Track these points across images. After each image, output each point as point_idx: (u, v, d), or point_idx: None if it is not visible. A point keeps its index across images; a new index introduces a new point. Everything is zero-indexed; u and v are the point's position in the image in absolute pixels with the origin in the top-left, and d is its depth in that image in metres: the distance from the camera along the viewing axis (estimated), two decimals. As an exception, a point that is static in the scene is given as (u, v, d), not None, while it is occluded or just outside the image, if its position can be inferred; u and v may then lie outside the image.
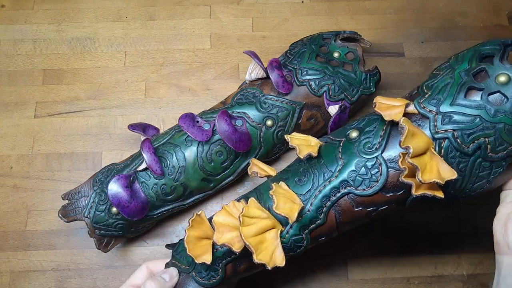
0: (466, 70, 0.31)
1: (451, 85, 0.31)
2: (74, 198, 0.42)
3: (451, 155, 0.30)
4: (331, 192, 0.33)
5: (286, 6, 0.57)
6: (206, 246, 0.35)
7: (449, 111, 0.30)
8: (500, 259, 0.32)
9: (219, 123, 0.41)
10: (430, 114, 0.31)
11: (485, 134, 0.29)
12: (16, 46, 0.55)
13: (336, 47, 0.47)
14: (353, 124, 0.36)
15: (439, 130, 0.30)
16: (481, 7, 0.57)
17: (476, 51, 0.31)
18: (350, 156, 0.33)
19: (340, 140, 0.35)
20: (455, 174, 0.28)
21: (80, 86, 0.53)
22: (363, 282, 0.45)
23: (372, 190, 0.32)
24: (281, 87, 0.43)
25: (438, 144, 0.30)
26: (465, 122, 0.29)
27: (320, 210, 0.34)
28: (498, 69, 0.29)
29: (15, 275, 0.45)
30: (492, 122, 0.29)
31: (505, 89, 0.29)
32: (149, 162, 0.41)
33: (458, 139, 0.30)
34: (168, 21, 0.56)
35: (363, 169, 0.32)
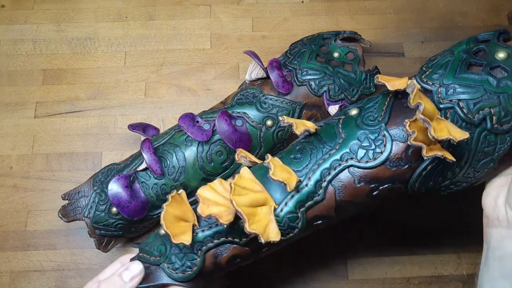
0: (465, 50, 0.31)
1: (452, 62, 0.31)
2: (74, 198, 0.42)
3: (457, 126, 0.30)
4: (332, 164, 0.31)
5: (286, 6, 0.57)
6: (186, 227, 0.31)
7: (452, 82, 0.30)
8: (489, 232, 0.32)
9: (219, 123, 0.41)
10: (433, 87, 0.30)
11: (490, 104, 0.29)
12: (16, 46, 0.55)
13: (336, 47, 0.47)
14: (351, 105, 0.35)
15: (444, 101, 0.30)
16: (481, 7, 0.57)
17: (472, 37, 0.32)
18: (351, 130, 0.32)
19: (339, 117, 0.33)
20: (467, 134, 0.27)
21: (80, 86, 0.53)
22: (363, 282, 0.45)
23: (376, 161, 0.30)
24: (281, 87, 0.43)
25: (444, 114, 0.30)
26: (470, 92, 0.29)
27: (319, 184, 0.31)
28: (496, 47, 0.30)
29: (15, 275, 0.45)
30: (497, 92, 0.29)
31: (505, 63, 0.29)
32: (149, 162, 0.41)
33: (463, 108, 0.29)
34: (168, 21, 0.56)
35: (367, 140, 0.31)
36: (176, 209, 0.31)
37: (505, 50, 0.30)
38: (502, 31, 0.32)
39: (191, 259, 0.32)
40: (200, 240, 0.32)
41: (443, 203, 0.47)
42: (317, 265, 0.45)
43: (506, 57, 0.29)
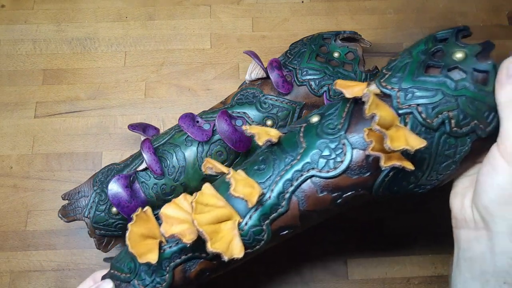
0: (424, 50, 0.31)
1: (410, 64, 0.30)
2: (74, 198, 0.42)
3: (417, 131, 0.29)
4: (294, 175, 0.31)
5: (286, 6, 0.57)
6: (152, 245, 0.31)
7: (411, 86, 0.29)
8: (458, 233, 0.32)
9: (219, 123, 0.41)
10: (392, 91, 0.30)
11: (449, 108, 0.29)
12: (16, 46, 0.55)
13: (336, 47, 0.47)
14: (313, 112, 0.35)
15: (403, 106, 0.29)
16: (481, 7, 0.57)
17: (430, 35, 0.32)
18: (312, 138, 0.31)
19: (301, 125, 0.33)
20: (424, 142, 0.27)
21: (80, 86, 0.53)
22: (363, 282, 0.45)
23: (337, 171, 0.30)
24: (281, 87, 0.43)
25: (403, 120, 0.29)
26: (428, 96, 0.29)
27: (282, 196, 0.31)
28: (454, 46, 0.30)
29: (15, 275, 0.45)
30: (454, 95, 0.29)
31: (463, 64, 0.29)
32: (149, 162, 0.41)
33: (422, 113, 0.29)
34: (168, 21, 0.56)
35: (327, 150, 0.31)
36: (142, 227, 0.31)
37: (462, 50, 0.29)
38: (462, 28, 0.31)
39: (160, 275, 0.32)
40: (168, 257, 0.32)
41: (443, 203, 0.47)
42: (317, 265, 0.45)
43: (463, 57, 0.29)
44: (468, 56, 0.29)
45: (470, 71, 0.29)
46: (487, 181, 0.28)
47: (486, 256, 0.29)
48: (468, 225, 0.31)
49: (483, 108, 0.29)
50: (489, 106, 0.29)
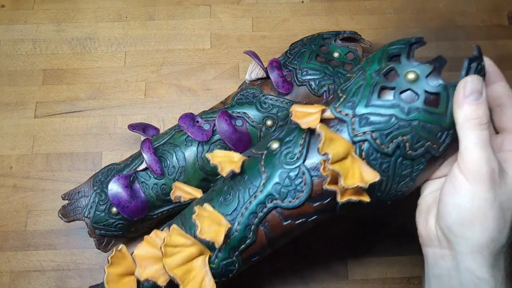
0: (377, 71, 0.30)
1: (364, 87, 0.30)
2: (74, 198, 0.42)
3: (373, 157, 0.30)
4: (258, 208, 0.32)
5: (286, 6, 0.57)
6: (130, 283, 0.32)
7: (365, 112, 0.30)
8: (426, 251, 0.32)
9: (219, 123, 0.41)
10: (346, 117, 0.30)
11: (402, 133, 0.29)
12: (16, 46, 0.55)
13: (336, 47, 0.47)
14: (274, 135, 0.35)
15: (358, 133, 0.30)
16: (481, 7, 0.57)
17: (384, 51, 0.31)
18: (273, 168, 0.32)
19: (262, 152, 0.34)
20: (378, 176, 0.28)
21: (80, 86, 0.53)
22: (363, 282, 0.45)
23: (298, 201, 0.31)
24: (281, 87, 0.43)
25: (358, 147, 0.30)
26: (382, 122, 0.29)
27: (248, 229, 0.32)
28: (406, 67, 0.30)
29: (15, 275, 0.45)
30: (407, 120, 0.29)
31: (415, 86, 0.29)
32: (149, 162, 0.41)
33: (377, 140, 0.30)
34: (168, 21, 0.56)
35: (287, 180, 0.32)
36: (118, 267, 0.32)
37: (414, 71, 0.29)
38: (414, 40, 0.31)
39: None
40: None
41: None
42: (317, 265, 0.45)
43: (415, 78, 0.29)
44: (419, 77, 0.29)
45: (421, 93, 0.29)
46: (449, 201, 0.29)
47: (452, 273, 0.30)
48: (434, 243, 0.31)
49: (436, 129, 0.29)
50: (441, 126, 0.29)
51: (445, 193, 0.29)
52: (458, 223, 0.28)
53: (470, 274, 0.28)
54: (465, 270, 0.29)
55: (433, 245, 0.31)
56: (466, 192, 0.28)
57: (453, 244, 0.29)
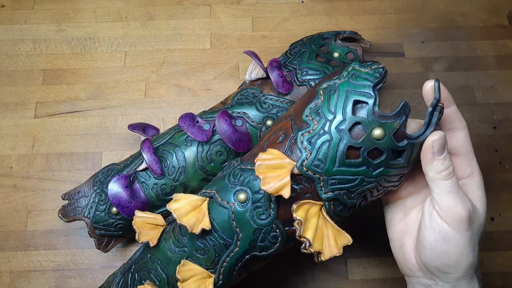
0: (342, 127, 0.30)
1: (331, 148, 0.30)
2: (74, 198, 0.43)
3: (339, 209, 0.32)
4: (237, 261, 0.34)
5: (286, 6, 0.57)
6: None
7: (333, 175, 0.30)
8: (409, 280, 0.34)
9: (219, 123, 0.41)
10: (315, 176, 0.31)
11: (369, 187, 0.31)
12: (16, 46, 0.55)
13: (336, 47, 0.47)
14: (236, 179, 0.34)
15: (327, 192, 0.31)
16: (481, 7, 0.57)
17: (348, 96, 0.30)
18: (245, 227, 0.33)
19: (230, 204, 0.34)
20: (350, 240, 0.31)
21: (80, 86, 0.53)
22: (363, 282, 0.45)
23: (274, 250, 0.34)
24: (281, 87, 0.43)
25: (328, 203, 0.32)
26: (351, 183, 0.31)
27: (230, 275, 0.35)
28: (372, 123, 0.29)
29: (15, 275, 0.45)
30: (373, 176, 0.30)
31: (381, 145, 0.29)
32: (149, 162, 0.41)
33: (345, 196, 0.31)
34: (168, 21, 0.56)
35: (262, 237, 0.33)
36: None
37: (380, 128, 0.29)
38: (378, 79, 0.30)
39: None
40: None
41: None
42: (317, 265, 0.45)
43: (381, 136, 0.29)
44: (386, 134, 0.29)
45: (388, 151, 0.30)
46: (436, 248, 0.30)
47: None
48: (415, 274, 0.33)
49: (397, 175, 0.31)
50: (401, 173, 0.31)
51: (429, 240, 0.31)
52: (446, 264, 0.30)
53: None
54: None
55: (414, 276, 0.33)
56: (451, 239, 0.30)
57: (438, 277, 0.31)
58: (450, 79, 0.53)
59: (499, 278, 0.46)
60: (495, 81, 0.53)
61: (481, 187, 0.32)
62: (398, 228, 0.34)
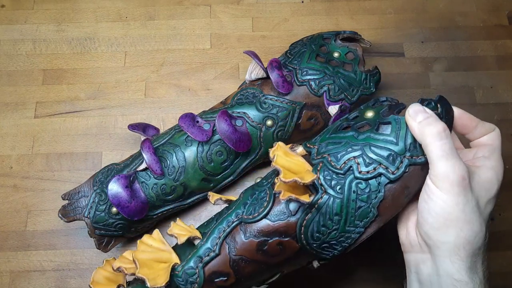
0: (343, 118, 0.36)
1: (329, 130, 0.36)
2: (74, 198, 0.43)
3: (328, 177, 0.33)
4: (227, 223, 0.35)
5: (286, 6, 0.57)
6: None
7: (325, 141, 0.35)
8: (407, 258, 0.34)
9: (219, 123, 0.41)
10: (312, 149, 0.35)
11: (355, 154, 0.32)
12: (16, 46, 0.55)
13: (336, 47, 0.47)
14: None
15: (317, 157, 0.34)
16: (481, 7, 0.57)
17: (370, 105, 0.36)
18: (247, 192, 0.37)
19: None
20: (315, 176, 0.31)
21: (80, 86, 0.53)
22: (363, 282, 0.45)
23: (260, 215, 0.34)
24: (281, 87, 0.43)
25: (316, 168, 0.33)
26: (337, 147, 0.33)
27: (214, 241, 0.35)
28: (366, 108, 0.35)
29: (15, 275, 0.45)
30: (359, 143, 0.32)
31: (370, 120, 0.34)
32: (149, 162, 0.41)
33: (332, 162, 0.33)
34: (168, 21, 0.56)
35: (255, 199, 0.35)
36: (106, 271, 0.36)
37: (372, 109, 0.34)
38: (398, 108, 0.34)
39: None
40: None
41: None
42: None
43: (372, 115, 0.33)
44: (375, 114, 0.33)
45: (375, 124, 0.33)
46: (424, 208, 0.31)
47: (433, 278, 0.31)
48: (414, 249, 0.33)
49: (386, 153, 0.32)
50: (392, 151, 0.32)
51: (420, 201, 0.31)
52: (434, 228, 0.30)
53: (449, 278, 0.30)
54: (444, 274, 0.30)
55: (413, 251, 0.33)
56: (437, 198, 0.30)
57: (432, 249, 0.31)
58: (450, 79, 0.53)
59: (499, 278, 0.46)
60: (495, 81, 0.53)
61: (494, 154, 0.32)
62: (407, 207, 0.35)
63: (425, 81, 0.53)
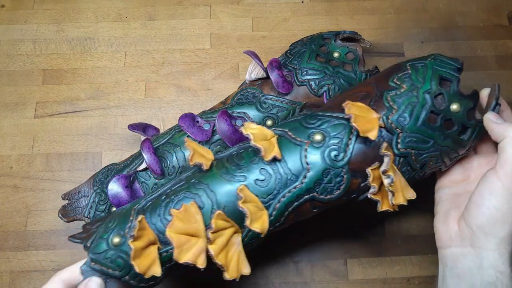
0: (429, 92, 0.34)
1: (416, 106, 0.34)
2: (74, 198, 0.43)
3: (403, 169, 0.35)
4: (296, 198, 0.34)
5: (286, 6, 0.57)
6: (151, 255, 0.31)
7: (412, 133, 0.34)
8: (444, 253, 0.36)
9: (219, 123, 0.41)
10: (396, 131, 0.34)
11: (432, 155, 0.35)
12: (16, 46, 0.55)
13: (336, 47, 0.47)
14: (313, 122, 0.35)
15: (401, 148, 0.34)
16: (481, 7, 0.57)
17: (435, 71, 0.35)
18: (316, 164, 0.33)
19: (304, 142, 0.34)
20: (415, 195, 0.34)
21: (80, 86, 0.53)
22: (363, 282, 0.45)
23: (334, 196, 0.34)
24: (281, 87, 0.43)
25: (398, 160, 0.34)
26: (423, 143, 0.34)
27: (281, 214, 0.34)
28: (453, 97, 0.34)
29: (15, 275, 0.45)
30: (441, 145, 0.34)
31: (455, 117, 0.34)
32: (149, 162, 0.41)
33: (413, 156, 0.34)
34: (168, 21, 0.56)
35: (329, 179, 0.34)
36: (141, 240, 0.31)
37: (458, 103, 0.34)
38: (459, 65, 0.36)
39: None
40: (165, 261, 0.32)
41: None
42: (317, 265, 0.45)
43: (458, 110, 0.34)
44: (461, 110, 0.34)
45: (459, 124, 0.34)
46: (484, 204, 0.33)
47: (473, 271, 0.33)
48: (454, 243, 0.35)
49: (453, 154, 0.36)
50: (457, 152, 0.36)
51: (479, 196, 0.33)
52: (491, 223, 0.32)
53: (493, 270, 0.32)
54: (489, 266, 0.32)
55: (453, 245, 0.35)
56: (501, 196, 0.32)
57: (480, 242, 0.33)
58: (450, 79, 0.53)
59: None
60: (495, 81, 0.53)
61: None
62: (446, 204, 0.37)
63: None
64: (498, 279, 0.31)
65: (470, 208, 0.34)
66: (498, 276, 0.31)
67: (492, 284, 0.32)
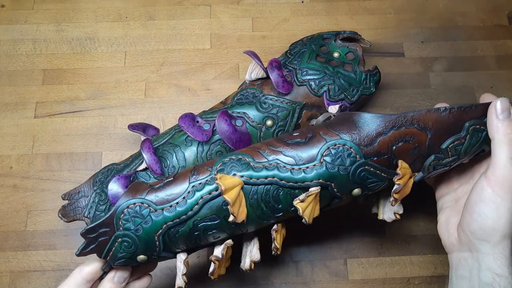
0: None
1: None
2: (74, 198, 0.43)
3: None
4: None
5: (286, 6, 0.57)
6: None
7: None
8: (450, 257, 0.37)
9: (219, 123, 0.41)
10: None
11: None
12: (16, 46, 0.55)
13: (336, 47, 0.47)
14: None
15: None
16: (481, 7, 0.57)
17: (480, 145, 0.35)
18: None
19: None
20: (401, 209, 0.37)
21: (80, 86, 0.53)
22: (363, 282, 0.45)
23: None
24: (281, 87, 0.43)
25: None
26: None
27: None
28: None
29: (15, 275, 0.45)
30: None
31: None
32: (149, 162, 0.41)
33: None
34: (168, 21, 0.56)
35: None
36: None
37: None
38: None
39: None
40: None
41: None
42: (317, 265, 0.45)
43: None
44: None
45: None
46: (475, 210, 0.33)
47: (473, 273, 0.33)
48: (456, 248, 0.35)
49: None
50: None
51: (472, 203, 0.33)
52: (483, 229, 0.32)
53: (490, 272, 0.32)
54: (486, 269, 0.32)
55: (455, 250, 0.35)
56: (491, 203, 0.32)
57: (476, 246, 0.33)
58: (450, 79, 0.53)
59: None
60: (495, 81, 0.53)
61: None
62: (447, 212, 0.38)
63: (425, 81, 0.53)
64: (495, 281, 0.32)
65: (464, 215, 0.34)
66: (495, 279, 0.32)
67: (489, 285, 0.32)
